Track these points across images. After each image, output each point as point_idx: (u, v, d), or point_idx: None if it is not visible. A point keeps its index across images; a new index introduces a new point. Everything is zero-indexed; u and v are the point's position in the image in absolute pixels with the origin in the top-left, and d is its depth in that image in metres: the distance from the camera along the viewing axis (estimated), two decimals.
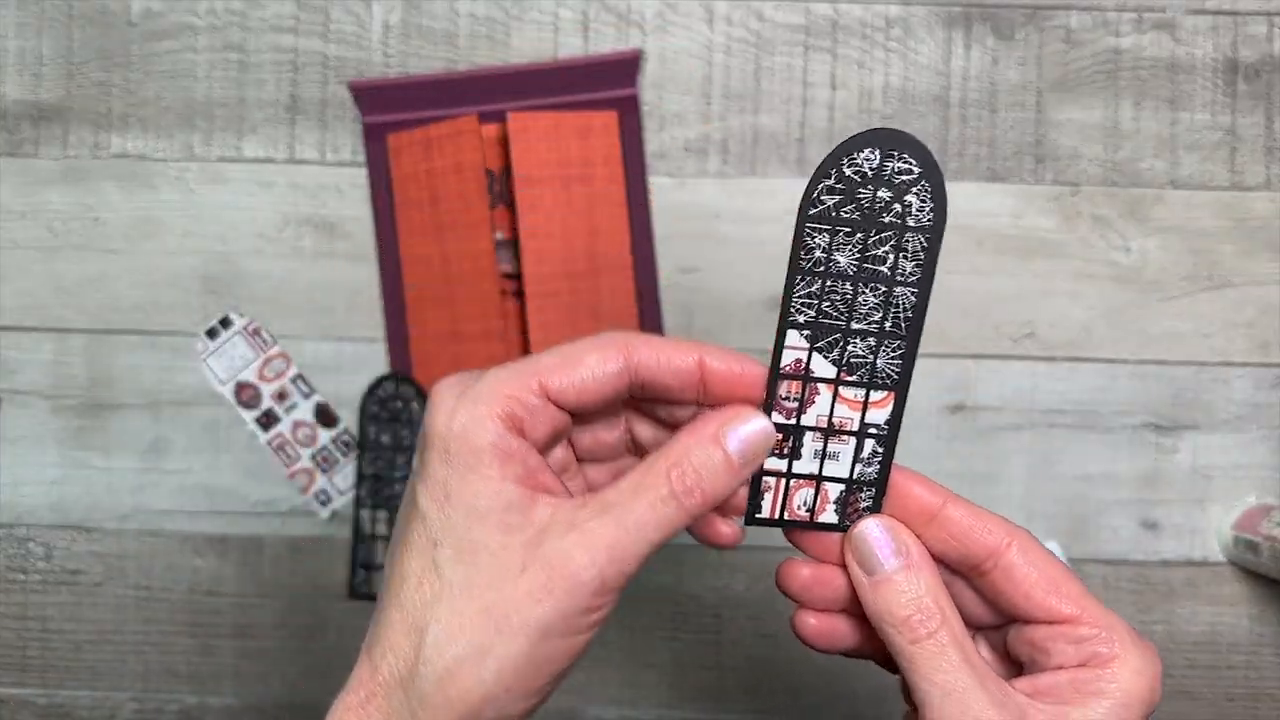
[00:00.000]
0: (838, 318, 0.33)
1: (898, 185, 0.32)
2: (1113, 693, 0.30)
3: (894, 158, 0.32)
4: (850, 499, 0.34)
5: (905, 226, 0.32)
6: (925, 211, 0.32)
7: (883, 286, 0.33)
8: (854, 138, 0.31)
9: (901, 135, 0.31)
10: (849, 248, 0.32)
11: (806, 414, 0.34)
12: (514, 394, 0.30)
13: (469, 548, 0.29)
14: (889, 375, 0.33)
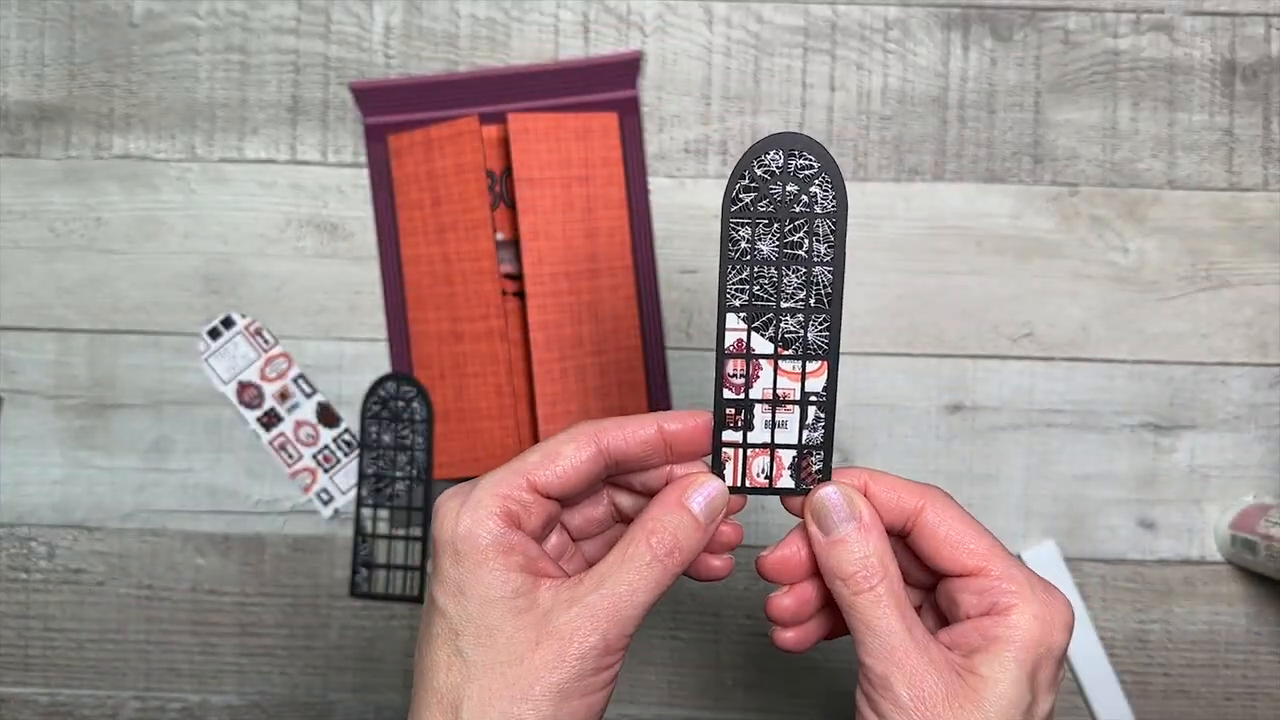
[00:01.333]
0: (768, 299, 0.37)
1: (802, 179, 0.36)
2: (1012, 638, 0.34)
3: (795, 156, 0.36)
4: (803, 463, 0.38)
5: (814, 214, 0.37)
6: (829, 200, 0.37)
7: (803, 268, 0.37)
8: (758, 143, 0.36)
9: (799, 136, 0.36)
10: (769, 237, 0.37)
11: (754, 389, 0.38)
12: (508, 494, 0.35)
13: (487, 632, 0.33)
14: (820, 346, 0.38)
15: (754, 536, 0.61)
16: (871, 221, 0.61)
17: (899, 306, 0.61)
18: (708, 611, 0.62)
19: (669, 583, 0.35)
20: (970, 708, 0.33)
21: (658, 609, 0.62)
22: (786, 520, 0.60)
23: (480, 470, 0.60)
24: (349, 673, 0.62)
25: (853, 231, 0.61)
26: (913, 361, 0.61)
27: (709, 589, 0.61)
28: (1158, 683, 0.61)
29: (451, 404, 0.61)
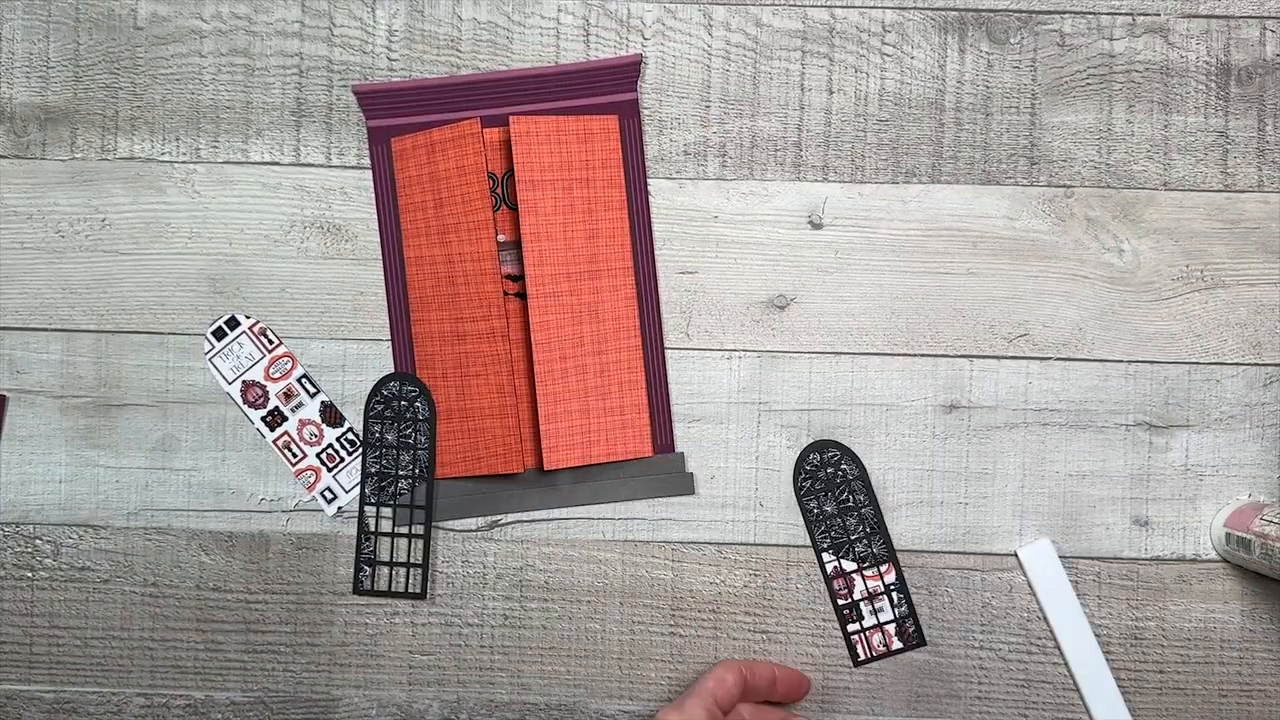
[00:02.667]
0: (841, 538, 0.62)
1: (833, 463, 0.62)
2: None
3: (825, 451, 0.62)
4: (902, 630, 0.61)
5: (848, 481, 0.62)
6: (853, 470, 0.62)
7: (855, 511, 0.62)
8: (804, 451, 0.62)
9: (825, 442, 0.62)
10: (829, 502, 0.62)
11: (855, 593, 0.62)
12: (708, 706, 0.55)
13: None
14: (883, 555, 0.62)
15: (752, 534, 0.62)
16: (869, 223, 0.62)
17: (896, 307, 0.62)
18: (707, 609, 0.62)
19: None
20: None
21: (657, 605, 0.62)
22: (785, 518, 0.60)
23: (481, 469, 0.61)
24: (353, 669, 0.62)
25: (851, 232, 0.62)
26: (909, 361, 0.62)
27: (708, 585, 0.62)
28: (1153, 680, 0.61)
29: (454, 404, 0.62)
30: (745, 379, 0.62)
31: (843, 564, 0.61)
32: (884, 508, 0.61)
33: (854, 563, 0.61)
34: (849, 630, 0.61)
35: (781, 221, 0.62)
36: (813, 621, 0.62)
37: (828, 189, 0.62)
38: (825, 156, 0.62)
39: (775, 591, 0.62)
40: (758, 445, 0.62)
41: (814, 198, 0.62)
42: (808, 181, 0.62)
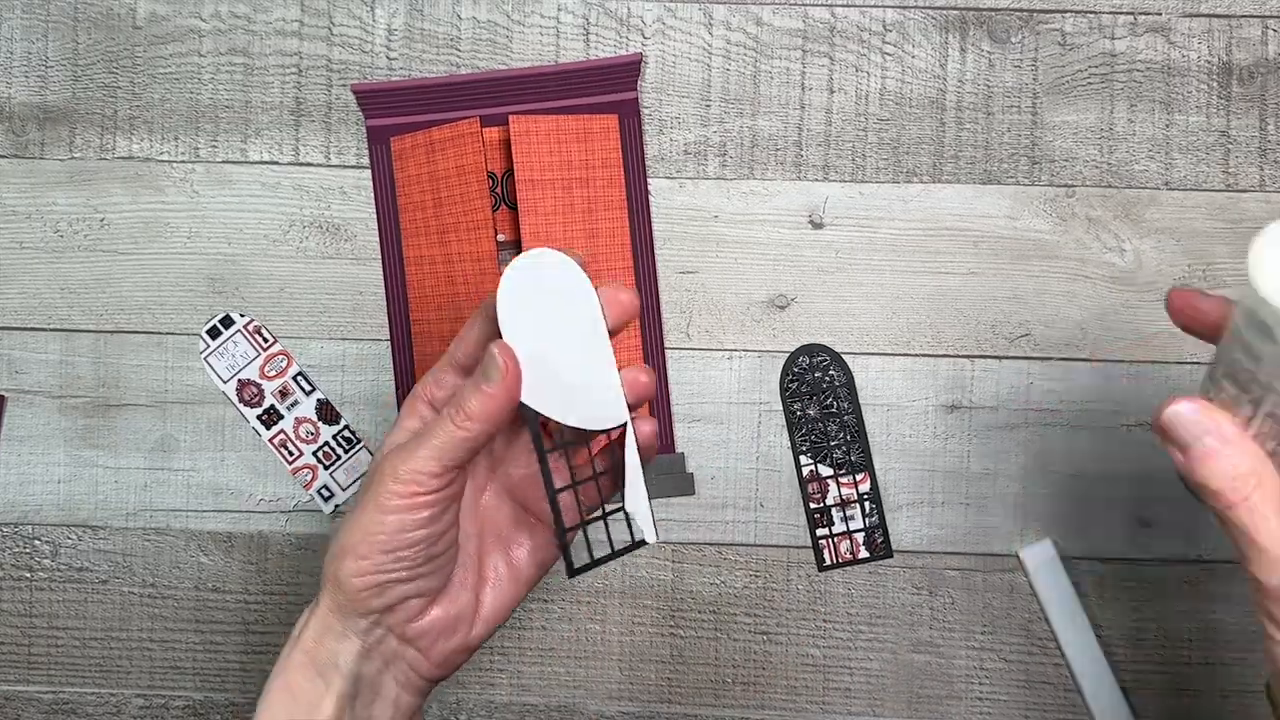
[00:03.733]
0: (820, 442, 0.61)
1: (822, 368, 0.60)
2: None
3: (814, 355, 0.60)
4: (870, 540, 0.61)
5: (834, 386, 0.60)
6: (841, 376, 0.60)
7: (837, 418, 0.61)
8: (793, 352, 0.60)
9: (816, 346, 0.60)
10: (813, 406, 0.60)
11: (828, 499, 0.61)
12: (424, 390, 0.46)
13: None
14: (860, 463, 0.61)
15: (752, 535, 0.62)
16: (870, 223, 0.62)
17: (897, 307, 0.62)
18: (707, 609, 0.62)
19: (461, 439, 0.40)
20: None
21: (656, 606, 0.62)
22: (786, 519, 0.60)
23: None
24: None
25: (851, 231, 0.62)
26: (910, 361, 0.62)
27: (708, 586, 0.62)
28: (1155, 681, 0.61)
29: None
30: (745, 379, 0.62)
31: (819, 468, 0.61)
32: (884, 502, 0.61)
33: (830, 468, 0.61)
34: (818, 535, 0.61)
35: (782, 221, 0.62)
36: (813, 623, 0.62)
37: (828, 188, 0.62)
38: (826, 156, 0.62)
39: (776, 592, 0.62)
40: (758, 445, 0.62)
41: (815, 197, 0.62)
42: (808, 181, 0.62)
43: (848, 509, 0.61)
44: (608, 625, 0.62)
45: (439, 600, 0.42)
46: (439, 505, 0.40)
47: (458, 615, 0.43)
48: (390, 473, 0.40)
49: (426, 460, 0.39)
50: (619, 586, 0.62)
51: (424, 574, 0.41)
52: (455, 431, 0.39)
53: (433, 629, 0.42)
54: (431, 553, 0.41)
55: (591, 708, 0.62)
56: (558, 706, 0.62)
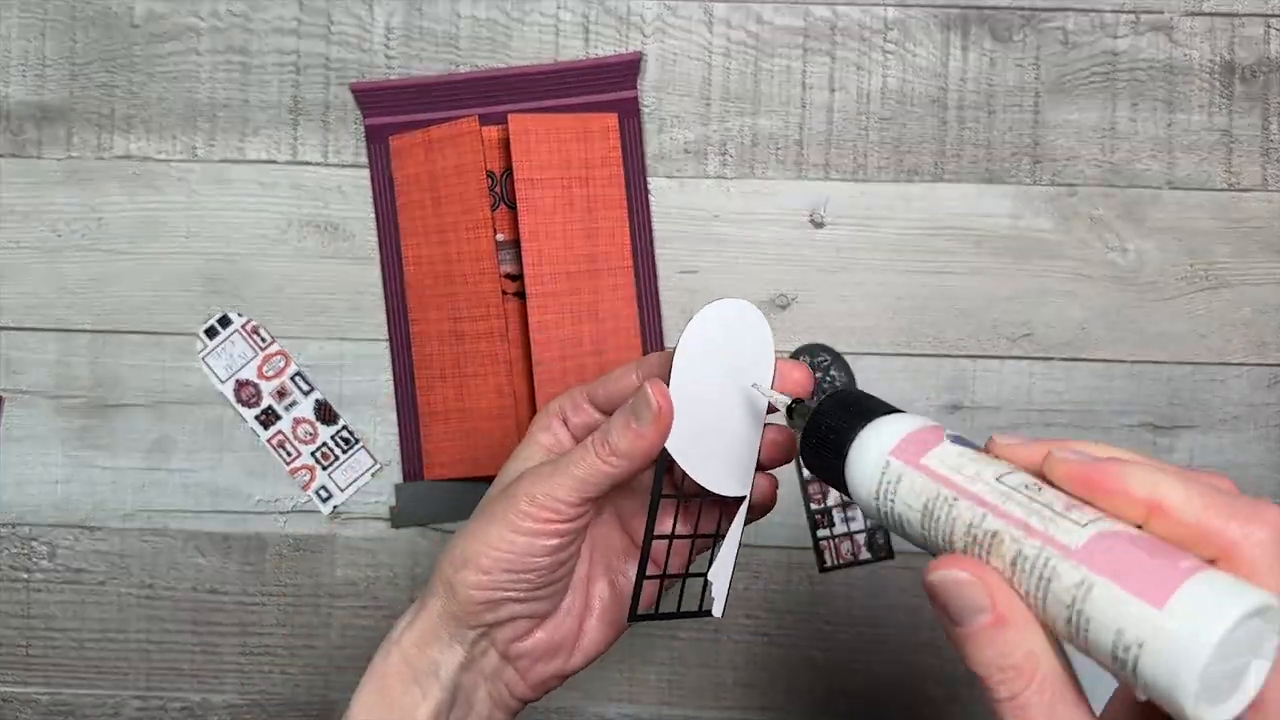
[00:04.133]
0: None
1: (823, 368, 0.60)
2: None
3: (815, 354, 0.60)
4: (871, 541, 0.61)
5: (835, 386, 0.58)
6: (842, 377, 0.60)
7: None
8: (794, 352, 0.60)
9: (817, 346, 0.60)
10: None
11: (829, 500, 0.61)
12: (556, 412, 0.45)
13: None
14: None
15: (753, 535, 0.62)
16: (870, 222, 0.61)
17: (898, 306, 0.61)
18: None
19: (604, 473, 0.39)
20: None
21: None
22: (786, 520, 0.60)
23: (479, 471, 0.61)
24: (350, 672, 0.62)
25: (853, 230, 0.61)
26: (912, 361, 0.61)
27: None
28: None
29: (452, 404, 0.61)
30: None
31: None
32: None
33: None
34: (819, 536, 0.61)
35: (783, 220, 0.61)
36: (814, 625, 0.62)
37: (829, 187, 0.61)
38: (827, 154, 0.61)
39: (776, 594, 0.62)
40: None
41: (816, 196, 0.61)
42: (809, 180, 0.61)
43: (848, 510, 0.61)
44: None
45: (545, 624, 0.42)
46: (569, 534, 0.40)
47: (560, 641, 0.43)
48: (526, 494, 0.39)
49: (566, 490, 0.39)
50: None
51: (540, 597, 0.41)
52: (599, 465, 0.39)
53: (535, 650, 0.42)
54: (551, 578, 0.40)
55: (592, 710, 0.62)
56: (557, 709, 0.62)
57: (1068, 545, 0.28)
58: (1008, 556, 0.29)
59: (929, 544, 0.32)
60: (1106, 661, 0.27)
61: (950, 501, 0.31)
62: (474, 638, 0.40)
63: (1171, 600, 0.25)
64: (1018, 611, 0.28)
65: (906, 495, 0.32)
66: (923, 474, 0.32)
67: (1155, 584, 0.26)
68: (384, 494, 0.62)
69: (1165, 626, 0.25)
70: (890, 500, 0.32)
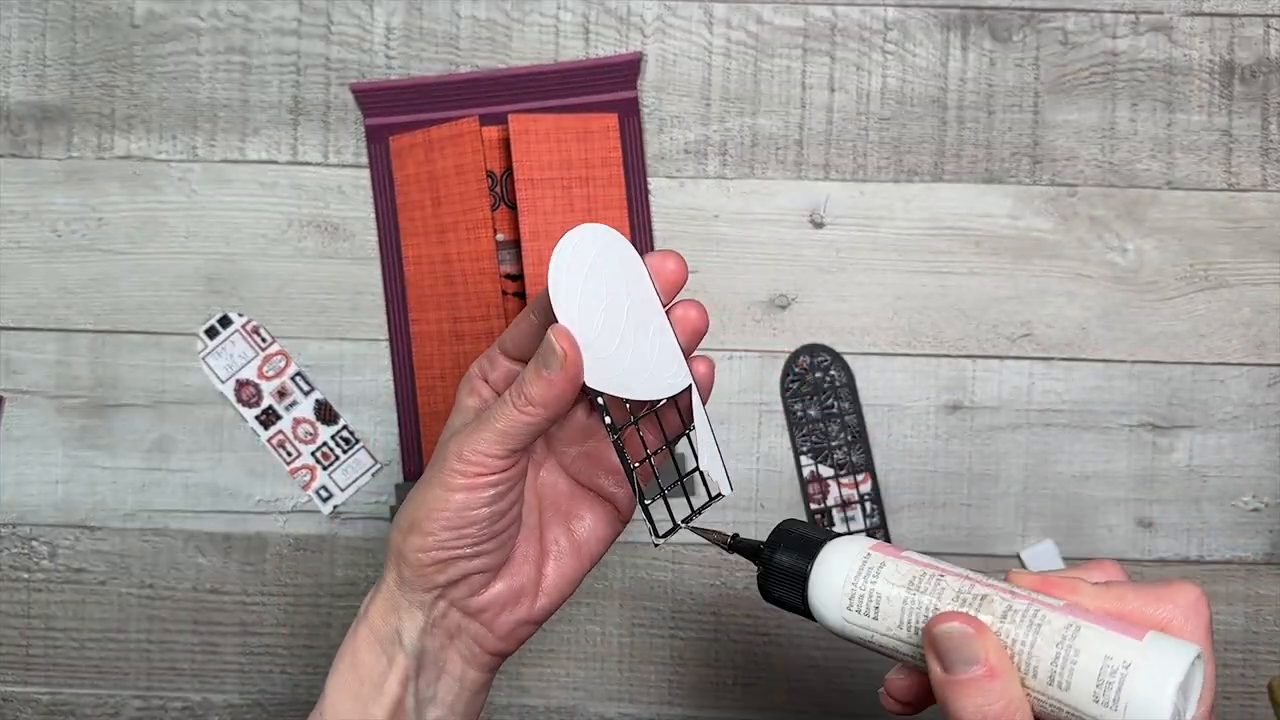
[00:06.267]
0: (821, 443, 0.61)
1: (823, 368, 0.61)
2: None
3: (815, 355, 0.60)
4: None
5: (835, 387, 0.60)
6: (842, 377, 0.60)
7: (838, 419, 0.61)
8: (794, 352, 0.61)
9: (817, 346, 0.60)
10: (814, 406, 0.61)
11: (829, 499, 0.61)
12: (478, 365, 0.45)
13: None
14: (861, 464, 0.61)
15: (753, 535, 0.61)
16: (870, 222, 0.61)
17: (898, 306, 0.61)
18: (707, 610, 0.62)
19: (524, 423, 0.39)
20: None
21: (657, 607, 0.62)
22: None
23: None
24: None
25: (852, 231, 0.61)
26: (911, 361, 0.61)
27: (708, 588, 0.62)
28: None
29: (452, 404, 0.61)
30: (746, 379, 0.61)
31: (820, 469, 0.61)
32: (885, 504, 0.61)
33: (831, 469, 0.61)
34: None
35: (783, 220, 0.61)
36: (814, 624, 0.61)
37: (829, 187, 0.61)
38: (827, 155, 0.61)
39: None
40: (758, 445, 0.61)
41: (815, 196, 0.61)
42: (809, 180, 0.61)
43: (849, 510, 0.61)
44: (607, 626, 0.62)
45: (501, 574, 0.43)
46: (503, 485, 0.41)
47: (520, 588, 0.43)
48: (455, 452, 0.40)
49: (490, 443, 0.40)
50: (619, 587, 0.62)
51: (487, 550, 0.41)
52: (518, 416, 0.39)
53: (495, 602, 0.43)
54: (494, 530, 0.41)
55: (592, 709, 0.62)
56: (557, 708, 0.62)
57: (1053, 604, 0.34)
58: (998, 611, 0.34)
59: (904, 616, 0.36)
60: (1085, 692, 0.32)
61: (938, 577, 0.36)
62: (430, 600, 0.41)
63: (1147, 637, 0.32)
64: (1005, 665, 0.33)
65: (891, 576, 0.37)
66: (906, 561, 0.37)
67: (1129, 628, 0.33)
68: (384, 494, 0.62)
69: (1147, 652, 0.32)
70: (871, 582, 0.37)
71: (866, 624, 0.38)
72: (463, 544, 0.41)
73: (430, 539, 0.40)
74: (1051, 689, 0.33)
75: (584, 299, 0.39)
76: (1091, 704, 0.32)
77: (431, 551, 0.40)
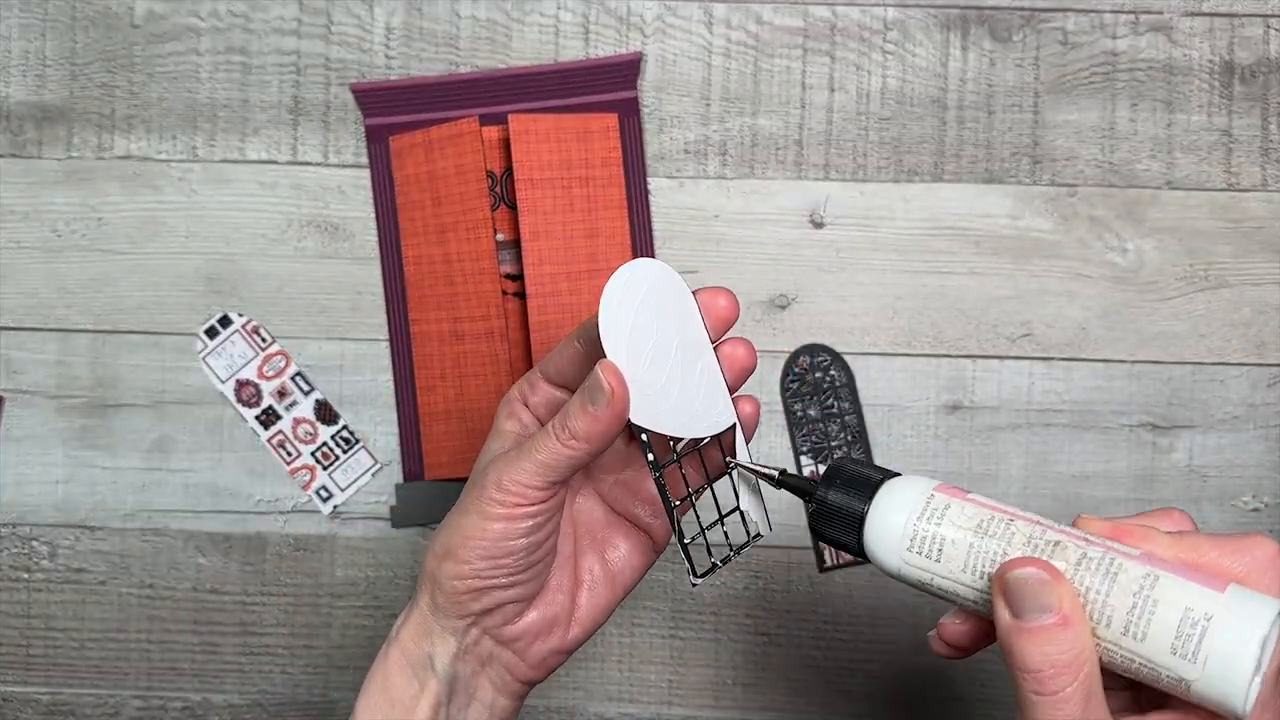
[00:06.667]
0: (821, 442, 0.61)
1: (823, 368, 0.60)
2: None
3: (815, 354, 0.60)
4: None
5: (835, 386, 0.60)
6: (841, 377, 0.60)
7: (838, 418, 0.61)
8: (794, 352, 0.60)
9: (817, 346, 0.60)
10: (814, 406, 0.60)
11: None
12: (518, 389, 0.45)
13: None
14: None
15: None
16: (870, 222, 0.61)
17: (898, 306, 0.61)
18: (707, 610, 0.62)
19: (566, 457, 0.39)
20: None
21: (657, 607, 0.62)
22: (786, 520, 0.60)
23: None
24: (350, 672, 0.62)
25: (852, 231, 0.61)
26: (911, 361, 0.61)
27: (709, 588, 0.62)
28: None
29: (452, 404, 0.61)
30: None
31: (820, 469, 0.60)
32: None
33: None
34: None
35: (783, 220, 0.61)
36: (814, 624, 0.62)
37: (829, 187, 0.61)
38: (827, 155, 0.61)
39: (776, 594, 0.62)
40: (758, 445, 0.61)
41: (815, 196, 0.61)
42: (809, 180, 0.61)
43: None
44: (608, 626, 0.62)
45: (535, 604, 0.42)
46: (541, 516, 0.40)
47: (553, 618, 0.43)
48: (494, 481, 0.39)
49: (530, 474, 0.39)
50: None
51: (522, 581, 0.41)
52: (560, 449, 0.39)
53: (529, 631, 0.42)
54: (531, 560, 0.41)
55: (592, 709, 0.62)
56: (558, 708, 0.62)
57: (1129, 553, 0.33)
58: (1073, 558, 0.33)
59: (969, 561, 0.35)
60: (1162, 643, 0.31)
61: (1007, 521, 0.35)
62: (464, 627, 0.41)
63: (1228, 589, 0.32)
64: (1078, 614, 0.32)
65: (957, 518, 0.36)
66: (973, 504, 0.36)
67: (1209, 579, 0.32)
68: (384, 494, 0.62)
69: (1230, 605, 0.31)
70: (935, 524, 0.36)
71: (927, 566, 0.36)
72: (498, 574, 0.40)
73: (466, 567, 0.40)
74: (1125, 639, 0.32)
75: (633, 334, 0.38)
76: (1169, 655, 0.31)
77: (467, 580, 0.40)
